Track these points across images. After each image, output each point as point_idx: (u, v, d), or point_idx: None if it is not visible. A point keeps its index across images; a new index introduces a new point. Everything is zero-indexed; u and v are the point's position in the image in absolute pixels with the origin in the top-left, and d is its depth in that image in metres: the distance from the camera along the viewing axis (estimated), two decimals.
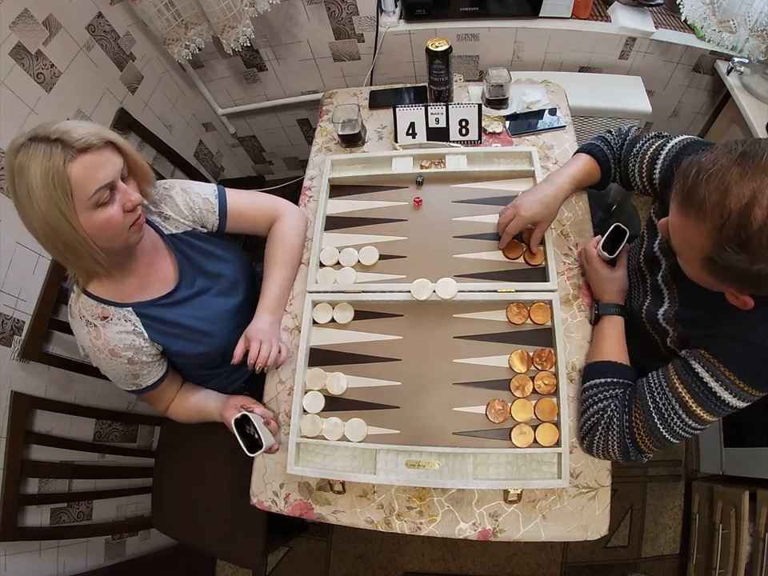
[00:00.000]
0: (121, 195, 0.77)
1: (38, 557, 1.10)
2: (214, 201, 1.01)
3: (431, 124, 1.19)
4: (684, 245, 0.65)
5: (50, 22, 1.20)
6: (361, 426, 0.91)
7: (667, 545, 1.61)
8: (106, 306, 0.86)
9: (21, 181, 0.70)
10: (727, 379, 0.69)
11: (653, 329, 0.88)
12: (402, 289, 0.99)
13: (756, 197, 0.54)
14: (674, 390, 0.73)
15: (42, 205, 0.70)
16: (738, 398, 0.69)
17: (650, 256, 0.91)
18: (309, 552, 1.72)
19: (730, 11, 1.33)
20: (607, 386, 0.83)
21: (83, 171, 0.71)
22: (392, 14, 1.54)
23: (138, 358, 0.89)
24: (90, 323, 0.85)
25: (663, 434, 0.75)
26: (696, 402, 0.71)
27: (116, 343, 0.86)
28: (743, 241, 0.55)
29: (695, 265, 0.65)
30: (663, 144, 0.87)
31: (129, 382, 0.91)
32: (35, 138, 0.70)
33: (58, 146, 0.70)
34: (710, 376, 0.70)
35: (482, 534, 0.85)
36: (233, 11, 1.33)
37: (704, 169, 0.58)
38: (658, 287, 0.88)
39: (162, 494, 1.32)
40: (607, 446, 0.80)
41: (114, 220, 0.76)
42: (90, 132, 0.72)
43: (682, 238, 0.64)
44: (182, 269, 0.96)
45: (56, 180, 0.69)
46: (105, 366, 0.89)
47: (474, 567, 1.64)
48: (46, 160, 0.69)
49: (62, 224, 0.72)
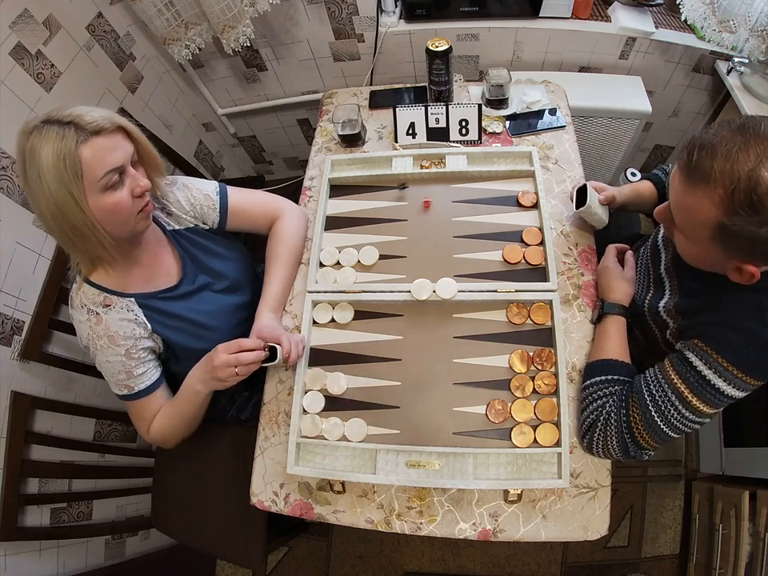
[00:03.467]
0: (130, 180, 0.78)
1: (38, 557, 1.10)
2: (215, 197, 1.01)
3: (431, 124, 1.19)
4: (690, 220, 0.67)
5: (50, 22, 1.20)
6: (361, 426, 0.91)
7: (667, 545, 1.61)
8: (109, 295, 0.86)
9: (32, 162, 0.70)
10: (720, 366, 0.69)
11: (654, 322, 0.89)
12: (401, 289, 0.99)
13: (762, 160, 0.58)
14: (669, 381, 0.74)
15: (52, 186, 0.70)
16: (734, 386, 0.70)
17: (654, 248, 0.94)
18: (309, 552, 1.72)
19: (730, 11, 1.33)
20: (606, 384, 0.83)
21: (94, 153, 0.72)
22: (392, 14, 1.54)
23: (136, 352, 0.88)
24: (92, 311, 0.85)
25: (661, 427, 0.75)
26: (692, 393, 0.72)
27: (116, 329, 0.85)
28: (754, 202, 0.58)
29: (702, 239, 0.66)
30: None
31: (121, 383, 0.89)
32: (48, 120, 0.71)
33: (71, 128, 0.71)
34: (703, 365, 0.71)
35: (482, 534, 0.85)
36: (233, 11, 1.33)
37: (707, 142, 0.61)
38: (660, 279, 0.90)
39: (161, 494, 1.32)
40: (606, 443, 0.80)
41: (122, 204, 0.77)
42: (103, 116, 0.74)
43: (689, 214, 0.66)
44: (185, 264, 0.96)
45: (67, 161, 0.70)
46: (101, 358, 0.87)
47: (474, 567, 1.64)
48: (59, 141, 0.70)
49: (71, 206, 0.72)
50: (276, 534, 1.40)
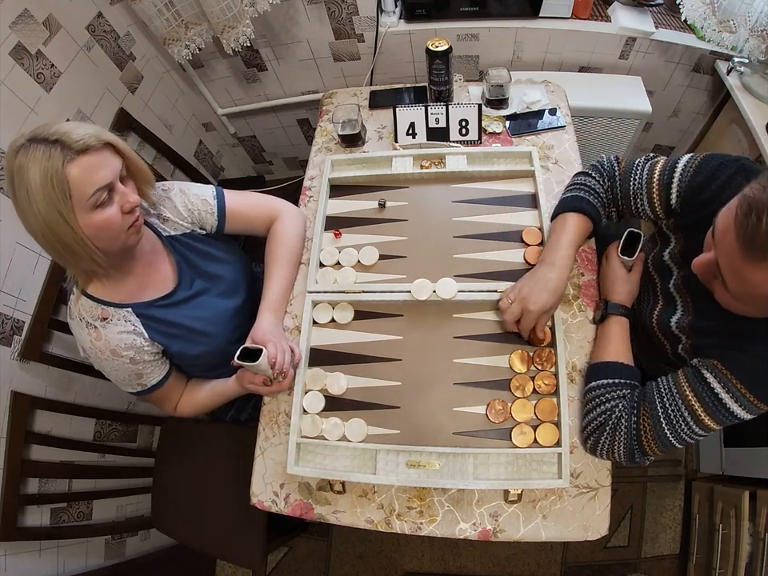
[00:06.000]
0: (119, 197, 0.77)
1: (38, 557, 1.10)
2: (212, 202, 1.01)
3: (431, 124, 1.19)
4: (748, 289, 0.61)
5: (50, 21, 1.20)
6: (361, 425, 0.91)
7: (667, 545, 1.61)
8: (106, 308, 0.86)
9: (20, 182, 0.70)
10: (738, 392, 0.69)
11: (664, 335, 0.87)
12: (402, 289, 0.99)
13: None
14: (684, 398, 0.73)
15: (41, 206, 0.70)
16: (746, 410, 0.70)
17: (659, 263, 0.91)
18: (309, 552, 1.72)
19: (730, 11, 1.33)
20: (614, 387, 0.82)
21: (82, 172, 0.71)
22: (392, 14, 1.54)
23: (140, 357, 0.89)
24: (91, 325, 0.85)
25: (670, 439, 0.75)
26: (705, 412, 0.72)
27: (117, 343, 0.86)
28: None
29: (756, 303, 0.62)
30: (671, 169, 0.83)
31: (133, 383, 0.91)
32: (34, 139, 0.70)
33: (57, 147, 0.70)
34: (721, 387, 0.70)
35: (482, 534, 0.85)
36: (233, 11, 1.33)
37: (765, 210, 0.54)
38: (669, 294, 0.87)
39: (162, 494, 1.32)
40: (612, 448, 0.80)
41: (112, 221, 0.76)
42: (89, 133, 0.73)
43: (749, 286, 0.60)
44: (181, 270, 0.96)
45: (55, 181, 0.69)
46: (107, 368, 0.88)
47: (474, 567, 1.64)
48: (45, 161, 0.69)
49: (61, 225, 0.72)
50: (276, 534, 1.40)
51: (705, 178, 0.78)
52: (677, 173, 0.82)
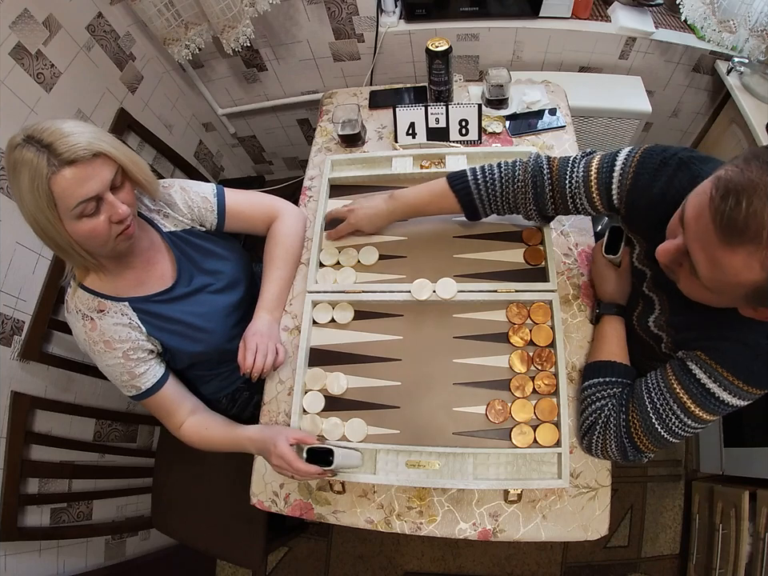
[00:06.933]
0: (108, 207, 0.76)
1: (37, 557, 1.10)
2: (212, 200, 1.01)
3: (431, 124, 1.19)
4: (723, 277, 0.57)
5: (50, 21, 1.20)
6: (361, 425, 0.91)
7: (667, 545, 1.61)
8: (103, 300, 0.86)
9: (14, 180, 0.72)
10: (726, 380, 0.68)
11: (647, 336, 0.87)
12: (401, 289, 0.99)
13: None
14: (671, 391, 0.73)
15: (31, 208, 0.72)
16: (738, 397, 0.69)
17: (633, 266, 0.90)
18: (309, 552, 1.72)
19: (730, 11, 1.33)
20: (606, 386, 0.83)
21: (66, 184, 0.71)
22: (392, 14, 1.54)
23: (134, 354, 0.88)
24: (87, 316, 0.85)
25: (661, 433, 0.75)
26: (694, 403, 0.71)
27: (111, 334, 0.85)
28: None
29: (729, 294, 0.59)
30: (609, 166, 0.80)
31: (127, 384, 0.90)
32: (30, 138, 0.70)
33: (45, 154, 0.69)
34: (707, 377, 0.70)
35: (482, 534, 0.85)
36: (233, 11, 1.33)
37: (743, 192, 0.51)
38: (646, 295, 0.86)
39: (161, 494, 1.32)
40: (605, 446, 0.80)
41: (98, 231, 0.76)
42: (80, 143, 0.71)
43: (724, 272, 0.56)
44: (180, 266, 0.96)
45: (40, 190, 0.70)
46: (101, 363, 0.88)
47: (474, 567, 1.64)
48: (33, 168, 0.69)
49: (49, 228, 0.74)
50: (276, 534, 1.40)
51: (646, 180, 0.75)
52: (615, 172, 0.79)
